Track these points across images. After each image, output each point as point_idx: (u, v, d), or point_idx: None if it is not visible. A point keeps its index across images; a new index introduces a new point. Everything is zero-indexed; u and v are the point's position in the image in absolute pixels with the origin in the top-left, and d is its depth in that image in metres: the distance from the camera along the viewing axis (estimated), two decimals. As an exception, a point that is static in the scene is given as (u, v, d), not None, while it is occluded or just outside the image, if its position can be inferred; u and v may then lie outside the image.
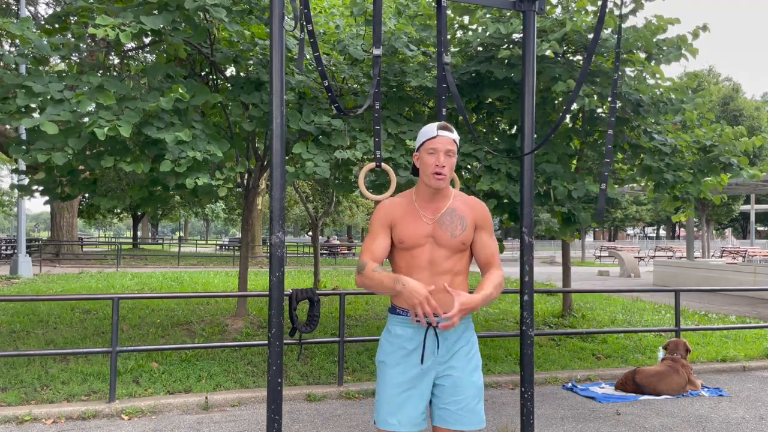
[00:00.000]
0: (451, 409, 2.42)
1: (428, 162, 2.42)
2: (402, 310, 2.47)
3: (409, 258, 2.45)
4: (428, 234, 2.45)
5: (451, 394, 2.43)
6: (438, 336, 2.42)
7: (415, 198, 2.52)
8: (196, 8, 5.52)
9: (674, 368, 5.79)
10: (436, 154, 2.41)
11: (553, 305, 11.34)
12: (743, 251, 25.94)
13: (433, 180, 2.41)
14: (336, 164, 6.31)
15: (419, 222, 2.46)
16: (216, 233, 79.62)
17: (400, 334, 2.47)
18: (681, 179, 7.25)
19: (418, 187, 2.52)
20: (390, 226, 2.49)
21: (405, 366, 2.44)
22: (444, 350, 2.44)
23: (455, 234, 2.45)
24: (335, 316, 9.17)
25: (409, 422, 2.41)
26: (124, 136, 5.00)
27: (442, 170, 2.40)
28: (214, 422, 4.76)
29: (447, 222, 2.46)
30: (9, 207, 40.11)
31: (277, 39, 2.65)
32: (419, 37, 7.04)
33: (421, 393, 2.44)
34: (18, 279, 14.79)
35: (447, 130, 2.44)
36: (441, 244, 2.45)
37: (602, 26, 2.66)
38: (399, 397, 2.42)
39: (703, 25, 6.77)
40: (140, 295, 5.50)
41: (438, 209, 2.48)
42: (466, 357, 2.48)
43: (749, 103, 33.37)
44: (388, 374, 2.47)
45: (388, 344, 2.50)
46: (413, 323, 2.42)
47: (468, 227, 2.48)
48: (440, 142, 2.41)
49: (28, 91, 5.23)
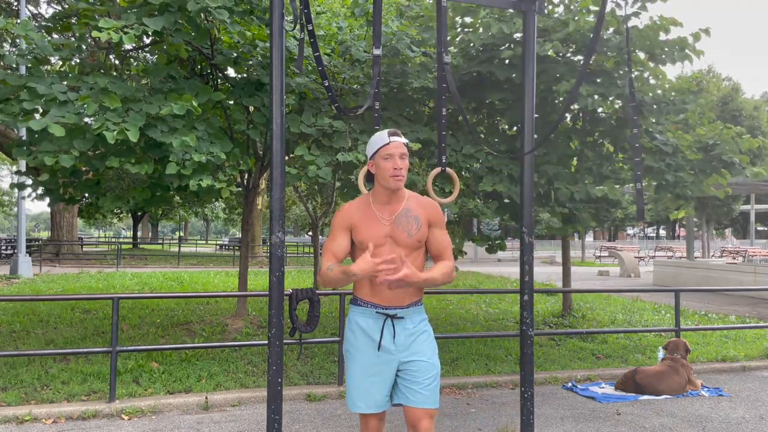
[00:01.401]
0: (417, 389, 2.67)
1: (385, 166, 2.62)
2: (362, 302, 2.72)
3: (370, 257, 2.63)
4: (386, 234, 2.66)
5: (417, 375, 2.67)
6: (395, 325, 2.67)
7: (372, 201, 2.72)
8: (199, 10, 5.52)
9: (674, 368, 5.79)
10: (392, 159, 2.61)
11: (553, 305, 11.33)
12: (743, 251, 25.93)
13: (393, 181, 2.61)
14: (338, 166, 6.32)
15: (377, 224, 2.67)
16: (216, 233, 79.59)
17: (361, 325, 2.71)
18: (682, 180, 7.25)
19: (375, 191, 2.72)
20: (349, 228, 2.70)
21: (367, 354, 2.69)
22: (401, 338, 2.67)
23: (411, 233, 2.66)
24: (335, 316, 9.17)
25: (375, 405, 2.69)
26: (131, 139, 5.01)
27: (400, 172, 2.60)
28: (214, 422, 4.76)
29: (403, 222, 2.67)
30: (9, 207, 40.11)
31: (277, 39, 2.65)
32: (421, 38, 7.04)
33: (384, 379, 2.69)
34: (18, 279, 14.79)
35: (397, 136, 2.66)
36: (399, 243, 2.66)
37: (602, 25, 2.66)
38: (365, 382, 2.69)
39: (705, 29, 6.77)
40: (140, 295, 5.50)
41: (394, 210, 2.69)
42: (426, 342, 2.72)
43: (749, 103, 33.39)
44: (353, 362, 2.73)
45: (351, 334, 2.74)
46: (373, 314, 2.68)
47: (422, 225, 2.69)
48: (394, 147, 2.62)
49: (32, 92, 5.23)
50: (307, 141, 6.67)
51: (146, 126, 5.34)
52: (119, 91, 5.41)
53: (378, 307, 2.69)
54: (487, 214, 6.70)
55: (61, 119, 5.07)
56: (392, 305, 2.68)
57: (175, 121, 5.54)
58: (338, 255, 2.68)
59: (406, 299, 2.70)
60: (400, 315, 2.68)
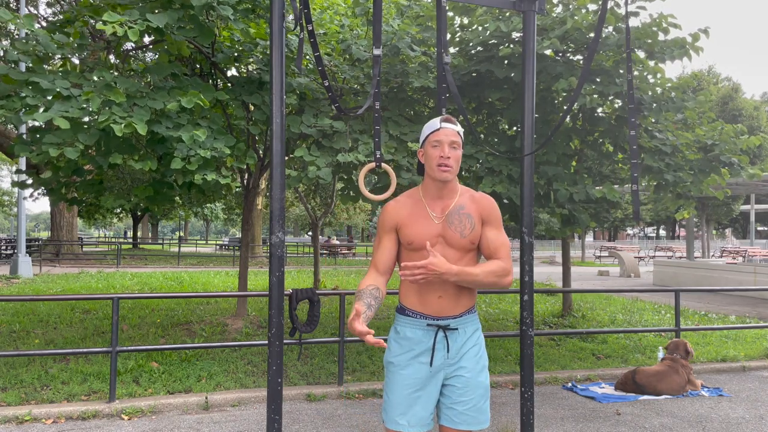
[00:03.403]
0: (460, 409, 2.41)
1: (433, 155, 2.36)
2: (411, 312, 2.43)
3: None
4: (438, 234, 2.38)
5: (461, 394, 2.41)
6: (448, 338, 2.39)
7: (422, 195, 2.45)
8: (202, 6, 5.52)
9: (674, 368, 5.79)
10: (440, 146, 2.35)
11: (553, 305, 11.34)
12: (743, 251, 25.94)
13: (438, 172, 2.35)
14: (338, 167, 6.31)
15: (428, 221, 2.39)
16: (216, 233, 79.59)
17: (409, 336, 2.42)
18: (681, 179, 7.25)
19: (425, 183, 2.46)
20: (396, 228, 2.43)
21: (414, 368, 2.41)
22: (453, 351, 2.41)
23: (465, 234, 2.38)
24: (335, 316, 9.18)
25: (418, 423, 2.39)
26: (140, 133, 5.01)
27: (447, 161, 2.34)
28: (214, 422, 4.76)
29: (456, 221, 2.39)
30: (9, 207, 40.10)
31: (278, 39, 2.65)
32: (421, 38, 7.04)
33: (429, 394, 2.41)
34: (18, 279, 14.79)
35: (450, 123, 2.39)
36: (451, 245, 2.38)
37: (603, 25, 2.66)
38: (409, 398, 2.40)
39: (704, 29, 6.76)
40: (140, 295, 5.50)
41: (446, 206, 2.42)
42: (475, 357, 2.45)
43: (749, 103, 33.38)
44: (398, 375, 2.42)
45: (397, 345, 2.45)
46: (424, 326, 2.40)
47: (476, 224, 2.41)
48: (444, 134, 2.36)
49: (35, 87, 5.22)
50: (307, 141, 6.66)
51: (150, 121, 5.35)
52: (123, 87, 5.41)
53: (429, 318, 2.40)
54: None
55: (65, 113, 5.07)
56: (444, 315, 2.40)
57: (180, 117, 5.54)
58: (382, 268, 2.42)
59: (459, 307, 2.41)
60: (453, 326, 2.40)
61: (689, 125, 7.94)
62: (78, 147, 5.16)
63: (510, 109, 7.40)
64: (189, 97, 5.31)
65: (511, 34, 6.63)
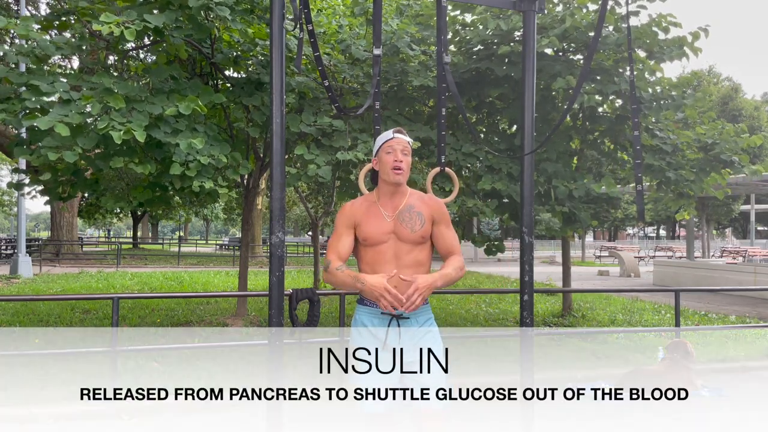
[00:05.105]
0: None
1: (387, 160, 2.67)
2: (369, 302, 2.70)
3: (374, 254, 2.67)
4: (390, 230, 2.68)
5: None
6: (400, 325, 2.66)
7: (377, 198, 2.76)
8: (200, 7, 5.52)
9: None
10: (393, 153, 2.66)
11: (553, 305, 11.33)
12: (743, 251, 25.93)
13: (392, 175, 2.66)
14: (337, 165, 6.31)
15: (381, 220, 2.69)
16: (216, 233, 79.56)
17: (366, 324, 2.70)
18: (683, 178, 7.24)
19: (379, 187, 2.77)
20: (353, 225, 2.72)
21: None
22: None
23: (415, 229, 2.68)
24: (335, 316, 9.17)
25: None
26: (138, 140, 5.01)
27: (400, 164, 2.65)
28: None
29: (406, 218, 2.69)
30: (9, 207, 40.09)
31: (277, 38, 2.65)
32: (421, 37, 7.04)
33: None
34: (18, 279, 14.78)
35: (402, 134, 2.72)
36: (403, 239, 2.68)
37: (603, 24, 2.66)
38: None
39: (704, 27, 6.76)
40: (140, 295, 5.51)
41: (397, 206, 2.72)
42: (431, 342, 2.71)
43: (749, 103, 33.39)
44: None
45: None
46: (379, 315, 2.66)
47: (426, 222, 2.71)
48: (396, 143, 2.69)
49: (35, 89, 5.21)
50: (307, 140, 6.66)
51: (148, 126, 5.34)
52: (122, 91, 5.40)
53: None
54: (487, 213, 6.70)
55: (64, 118, 5.06)
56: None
57: (178, 122, 5.53)
58: (343, 254, 2.70)
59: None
60: (406, 315, 2.67)
61: (689, 124, 7.94)
62: (76, 150, 5.16)
63: (510, 107, 7.40)
64: (187, 103, 5.30)
65: (512, 33, 6.63)
